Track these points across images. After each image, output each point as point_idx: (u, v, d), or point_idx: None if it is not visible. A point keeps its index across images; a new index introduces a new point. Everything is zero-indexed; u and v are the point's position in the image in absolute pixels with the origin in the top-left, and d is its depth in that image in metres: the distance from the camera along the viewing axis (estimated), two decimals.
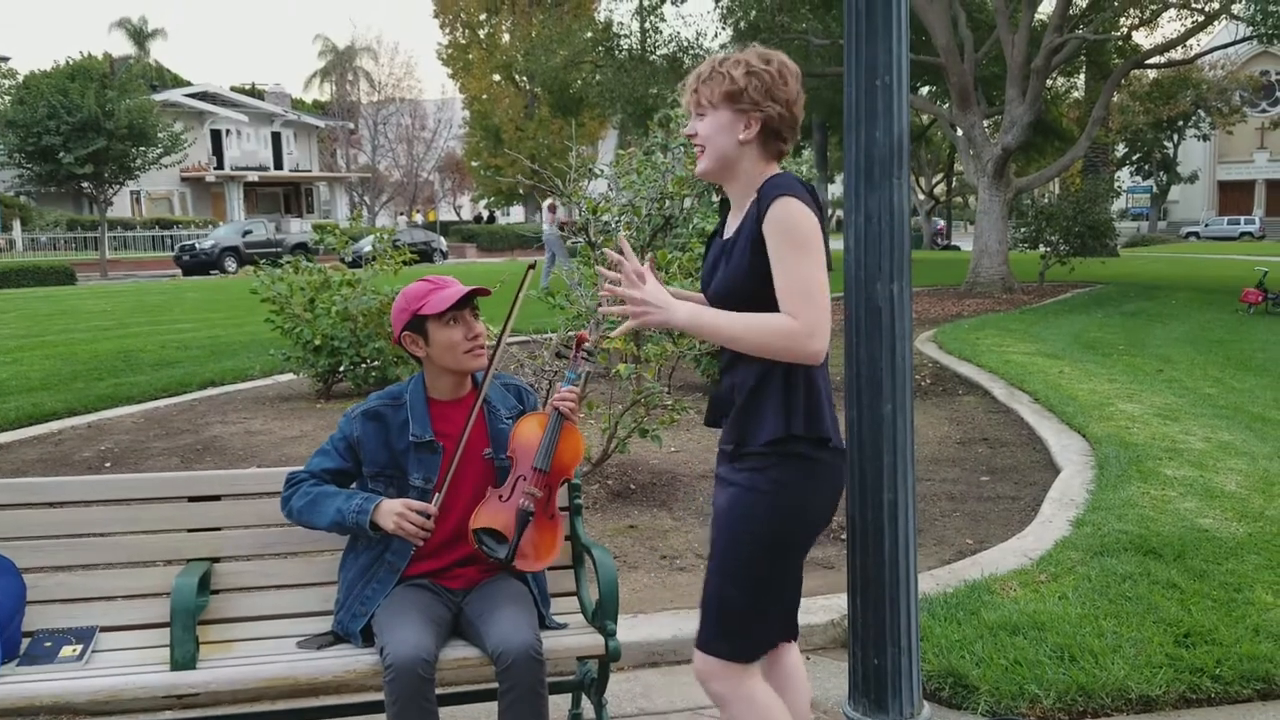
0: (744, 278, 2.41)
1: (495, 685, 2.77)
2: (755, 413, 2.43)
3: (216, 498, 3.20)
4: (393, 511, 2.87)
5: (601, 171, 7.36)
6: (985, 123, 22.72)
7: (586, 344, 3.15)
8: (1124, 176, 59.48)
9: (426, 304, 2.98)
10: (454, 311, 2.98)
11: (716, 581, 2.49)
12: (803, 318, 2.31)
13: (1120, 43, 25.06)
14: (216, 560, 3.15)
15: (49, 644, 2.91)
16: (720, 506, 2.51)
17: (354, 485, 3.05)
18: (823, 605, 4.21)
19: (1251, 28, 20.34)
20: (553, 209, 23.49)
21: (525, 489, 2.95)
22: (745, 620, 2.48)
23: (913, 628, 3.13)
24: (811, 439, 2.43)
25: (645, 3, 26.57)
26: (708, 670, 2.52)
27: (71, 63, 34.02)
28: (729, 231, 2.53)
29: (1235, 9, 21.23)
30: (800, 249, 2.33)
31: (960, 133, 21.72)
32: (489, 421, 3.08)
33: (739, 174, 2.49)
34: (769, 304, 2.35)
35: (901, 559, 3.07)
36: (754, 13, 24.03)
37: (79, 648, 2.90)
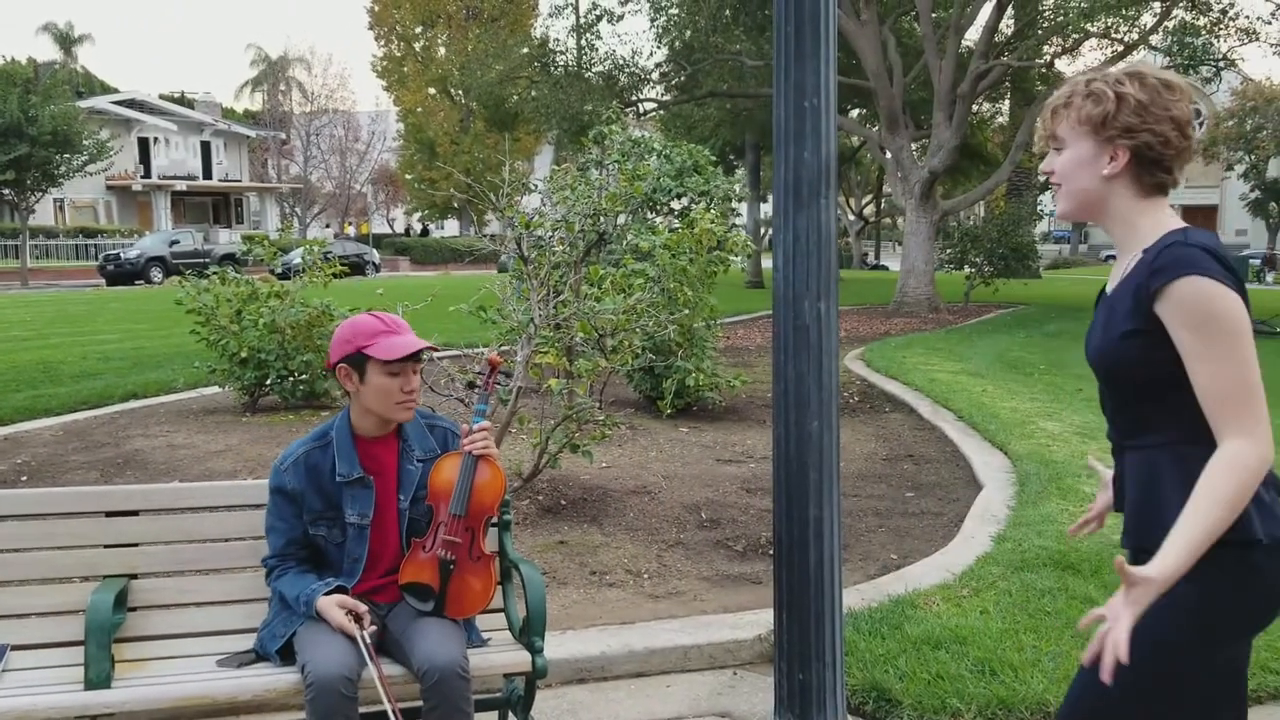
0: (1122, 343, 1.99)
1: (420, 703, 2.75)
2: None
3: (135, 513, 3.13)
4: (331, 607, 2.83)
5: (536, 186, 7.36)
6: (913, 146, 23.16)
7: (502, 365, 3.11)
8: (1047, 200, 60.85)
9: (374, 346, 2.89)
10: (400, 364, 2.91)
11: None
12: (1254, 430, 1.85)
13: (1044, 70, 25.70)
14: (134, 576, 3.08)
15: None
16: None
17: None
18: (750, 620, 4.24)
19: (1168, 59, 21.01)
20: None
21: (444, 537, 2.93)
22: None
23: (837, 642, 3.17)
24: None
25: (581, 20, 26.65)
26: None
27: None
28: (1113, 283, 2.11)
29: (1154, 40, 21.93)
30: (1221, 336, 1.87)
31: (889, 155, 22.12)
32: (399, 462, 3.03)
33: (1110, 215, 2.10)
34: (1154, 367, 1.95)
35: (826, 575, 3.11)
36: (689, 33, 24.25)
37: None
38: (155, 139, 53.74)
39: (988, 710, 3.55)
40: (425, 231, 64.90)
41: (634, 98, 26.13)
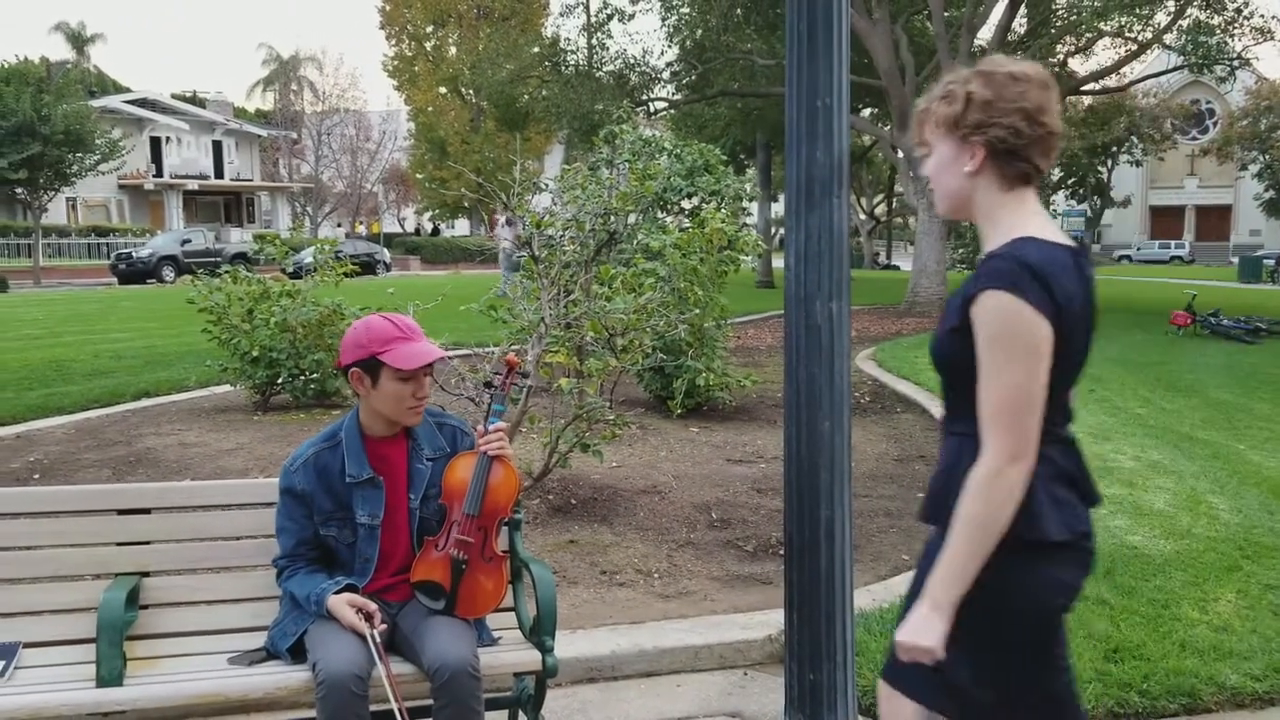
0: (946, 337, 2.10)
1: (430, 702, 2.75)
2: None
3: (146, 511, 3.14)
4: (341, 606, 2.83)
5: (547, 186, 7.36)
6: None
7: (520, 367, 3.11)
8: (1059, 200, 60.73)
9: (390, 353, 2.86)
10: (414, 371, 2.90)
11: None
12: (1001, 445, 1.96)
13: (1056, 69, 25.63)
14: (146, 575, 3.08)
15: None
16: None
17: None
18: (760, 621, 4.23)
19: (1182, 58, 20.97)
20: (510, 223, 23.37)
21: (457, 536, 2.93)
22: None
23: (848, 643, 3.16)
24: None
25: (592, 19, 26.67)
26: None
27: (7, 66, 33.36)
28: None
29: (1167, 39, 21.86)
30: (1005, 354, 1.97)
31: (901, 154, 22.06)
32: (408, 461, 3.03)
33: (977, 212, 2.15)
34: (966, 363, 2.04)
35: (838, 575, 3.10)
36: (700, 32, 24.25)
37: (1, 664, 2.82)
38: (167, 138, 53.90)
39: None
40: (436, 231, 65.05)
41: (645, 97, 26.15)
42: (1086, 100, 32.96)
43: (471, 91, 48.37)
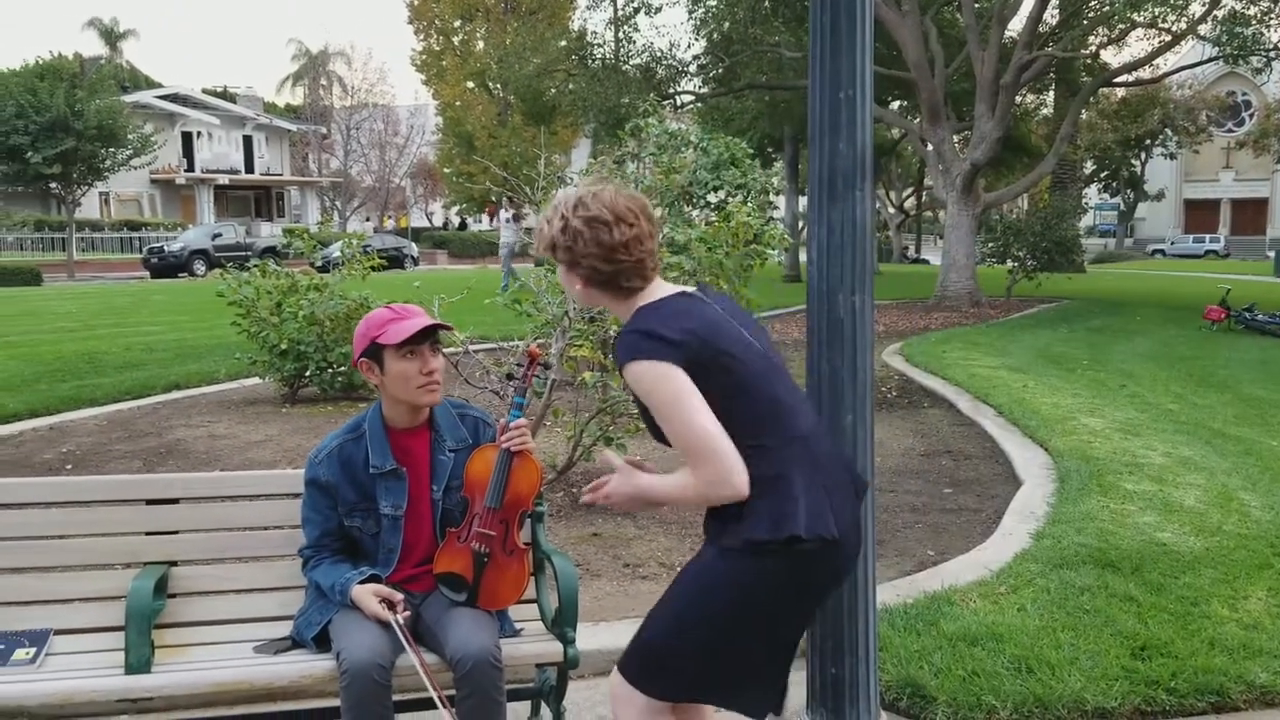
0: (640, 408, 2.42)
1: (453, 692, 2.77)
2: None
3: (175, 501, 3.18)
4: (365, 596, 2.86)
5: (572, 179, 7.36)
6: (955, 138, 22.96)
7: (541, 358, 3.11)
8: (1091, 193, 60.13)
9: (385, 333, 2.91)
10: (411, 345, 2.91)
11: None
12: (700, 477, 2.25)
13: (1089, 61, 25.39)
14: (174, 564, 3.12)
15: (2, 646, 2.87)
16: None
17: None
18: None
19: (1218, 49, 20.66)
20: (517, 218, 23.39)
21: (479, 529, 2.94)
22: None
23: (870, 638, 3.16)
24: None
25: (619, 12, 26.64)
26: None
27: (41, 62, 33.73)
28: None
29: (1202, 30, 21.57)
30: (664, 410, 2.26)
31: (930, 147, 21.92)
32: (431, 452, 3.05)
33: (613, 308, 2.48)
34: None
35: (860, 569, 3.09)
36: (727, 24, 24.17)
37: (32, 651, 2.87)
38: (198, 133, 54.36)
39: (1024, 708, 3.52)
40: (463, 225, 65.20)
41: (671, 90, 26.10)
42: (1120, 92, 32.60)
43: (499, 86, 48.36)
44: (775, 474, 2.28)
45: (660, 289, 2.42)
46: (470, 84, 52.80)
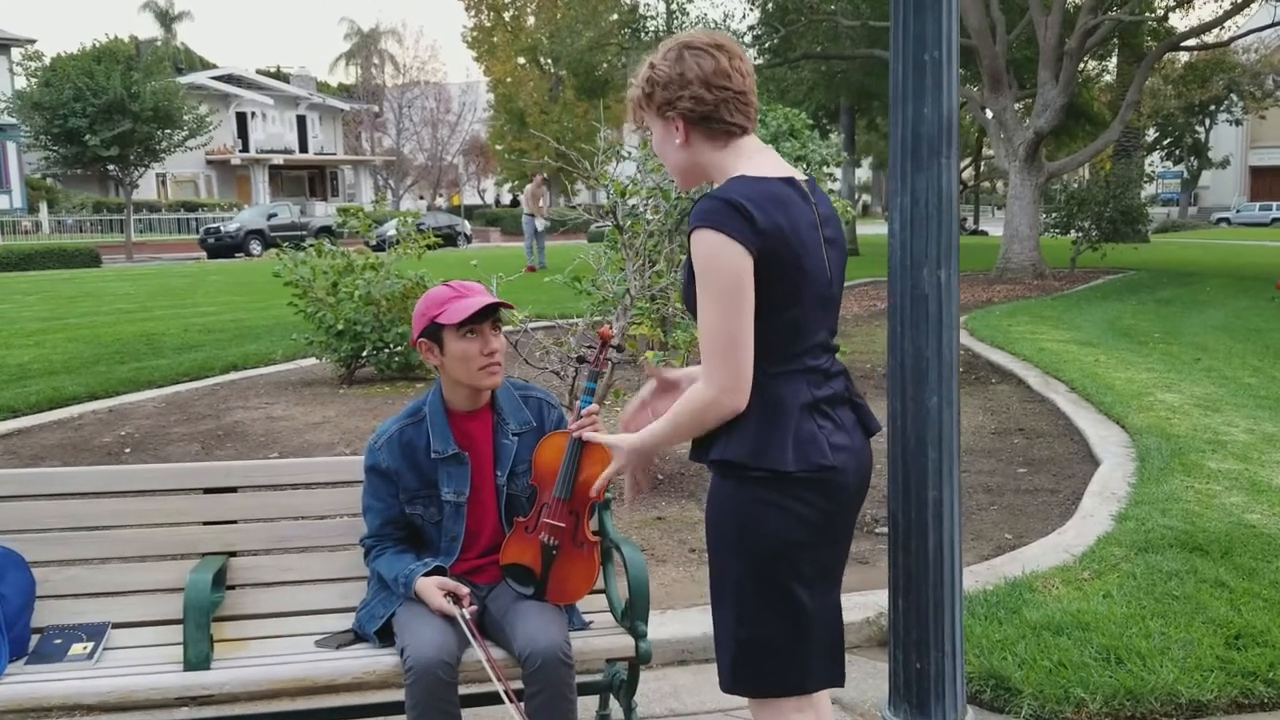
0: (685, 280, 2.24)
1: (520, 686, 2.66)
2: None
3: (233, 489, 3.10)
4: (430, 589, 2.77)
5: (630, 154, 7.20)
6: (1017, 106, 22.39)
7: (612, 340, 2.97)
8: (1154, 161, 58.73)
9: (444, 312, 2.81)
10: (471, 324, 2.80)
11: None
12: (714, 379, 2.12)
13: (1155, 25, 24.64)
14: (232, 554, 3.04)
15: (59, 641, 2.81)
16: None
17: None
18: (858, 602, 4.07)
19: None
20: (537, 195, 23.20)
21: (548, 521, 2.81)
22: None
23: (957, 630, 2.99)
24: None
25: None
26: None
27: (98, 45, 34.05)
28: None
29: None
30: (712, 294, 2.10)
31: (991, 116, 21.42)
32: (494, 436, 2.93)
33: (707, 172, 2.29)
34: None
35: (946, 559, 2.93)
36: None
37: (89, 645, 2.80)
38: (253, 113, 54.85)
39: (1115, 700, 3.35)
40: (516, 202, 65.30)
41: None
42: (1184, 57, 31.61)
43: (550, 61, 48.31)
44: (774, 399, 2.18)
45: (764, 160, 2.24)
46: (521, 60, 52.78)
